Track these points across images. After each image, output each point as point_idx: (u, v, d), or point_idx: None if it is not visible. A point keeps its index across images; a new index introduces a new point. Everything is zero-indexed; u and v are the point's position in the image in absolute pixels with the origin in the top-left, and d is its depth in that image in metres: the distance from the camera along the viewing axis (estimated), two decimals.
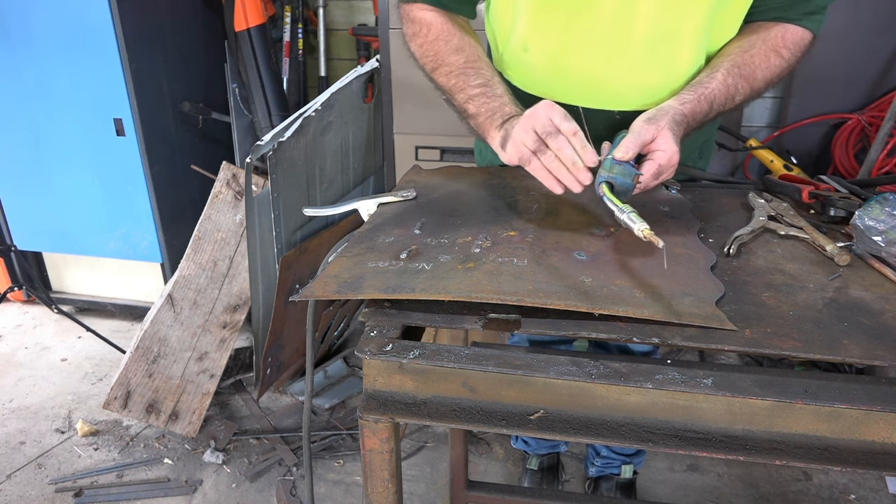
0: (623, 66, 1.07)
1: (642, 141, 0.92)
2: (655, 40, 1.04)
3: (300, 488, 1.91)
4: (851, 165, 2.32)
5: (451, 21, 1.15)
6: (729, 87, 1.04)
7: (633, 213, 0.84)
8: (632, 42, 1.04)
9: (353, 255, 0.92)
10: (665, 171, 0.93)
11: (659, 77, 1.08)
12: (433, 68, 1.15)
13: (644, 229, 0.81)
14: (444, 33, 1.13)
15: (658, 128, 0.93)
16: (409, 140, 2.30)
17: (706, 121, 1.04)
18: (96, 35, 2.17)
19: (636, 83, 1.09)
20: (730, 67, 1.04)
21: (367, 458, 0.82)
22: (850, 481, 1.92)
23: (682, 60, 1.07)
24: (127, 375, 2.01)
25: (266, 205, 1.85)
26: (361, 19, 2.85)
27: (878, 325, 0.76)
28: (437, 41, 1.13)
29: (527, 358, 0.74)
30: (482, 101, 1.07)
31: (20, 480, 1.95)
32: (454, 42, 1.12)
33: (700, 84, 1.04)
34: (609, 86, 1.10)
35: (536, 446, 1.86)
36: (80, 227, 2.54)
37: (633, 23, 1.02)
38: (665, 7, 1.00)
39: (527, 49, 1.12)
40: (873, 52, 2.23)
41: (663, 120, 0.95)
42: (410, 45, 1.18)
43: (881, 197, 0.95)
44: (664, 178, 0.95)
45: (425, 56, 1.15)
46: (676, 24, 1.02)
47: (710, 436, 0.71)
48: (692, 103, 1.00)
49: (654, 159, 0.92)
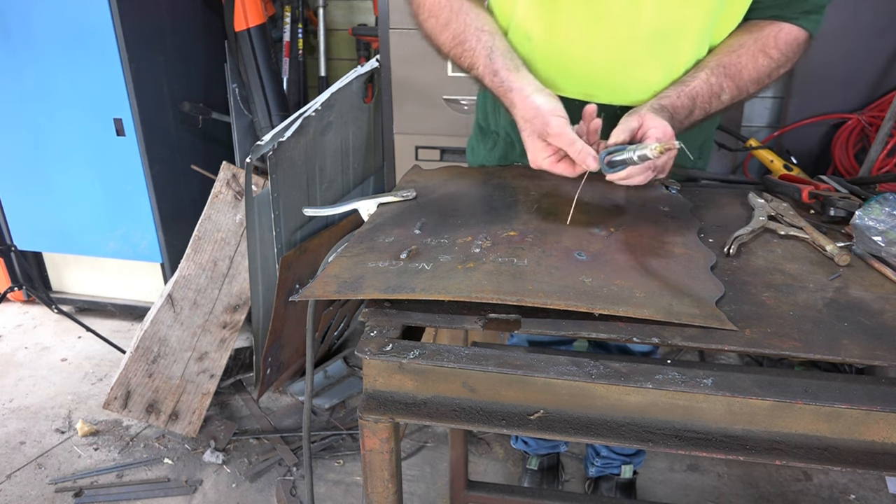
0: (626, 61, 1.07)
1: (629, 127, 0.94)
2: (659, 35, 1.04)
3: (300, 488, 1.91)
4: (851, 165, 2.32)
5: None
6: (712, 86, 1.04)
7: (637, 147, 0.86)
8: (635, 36, 1.04)
9: (353, 255, 0.92)
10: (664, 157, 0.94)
11: (661, 72, 1.08)
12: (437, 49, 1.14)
13: (656, 147, 0.83)
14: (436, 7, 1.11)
15: (640, 115, 0.95)
16: (409, 140, 2.30)
17: (694, 119, 1.04)
18: (96, 35, 2.18)
19: (638, 77, 1.09)
20: (714, 67, 1.05)
21: (367, 458, 0.81)
22: (850, 481, 1.92)
23: (684, 56, 1.07)
24: (127, 375, 2.01)
25: (266, 205, 1.85)
26: (361, 19, 2.85)
27: (878, 325, 0.76)
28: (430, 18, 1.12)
29: (527, 358, 0.74)
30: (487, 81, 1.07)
31: (20, 480, 1.95)
32: (443, 16, 1.10)
33: (682, 82, 1.04)
34: (611, 80, 1.10)
35: (536, 446, 1.86)
36: (80, 227, 2.54)
37: (638, 17, 1.02)
38: (669, 3, 1.01)
39: (530, 39, 1.11)
40: (873, 52, 2.23)
41: (643, 109, 0.97)
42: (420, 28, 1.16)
43: (881, 197, 0.95)
44: (670, 154, 0.94)
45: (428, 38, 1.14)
46: (680, 20, 1.03)
47: (710, 436, 0.71)
48: (671, 98, 1.01)
49: (650, 136, 0.93)
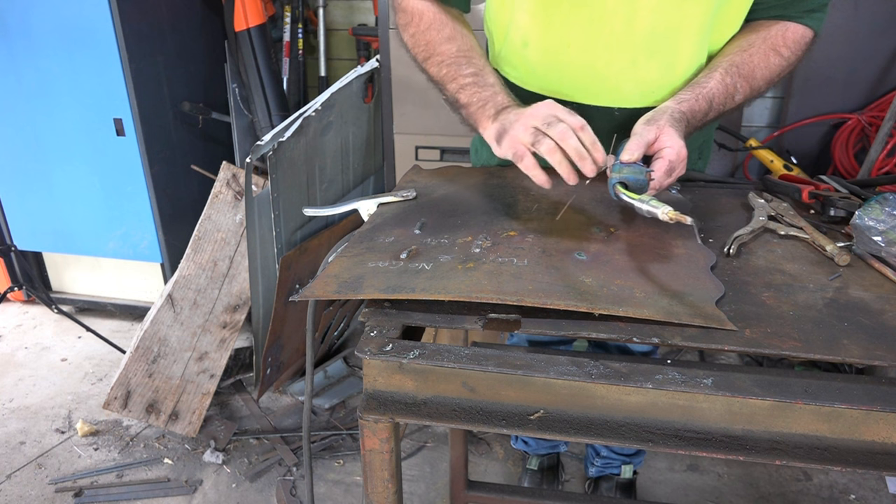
0: (623, 62, 1.07)
1: (646, 141, 0.92)
2: (656, 36, 1.04)
3: (300, 488, 1.91)
4: (851, 165, 2.32)
5: (444, 11, 1.14)
6: (728, 87, 1.03)
7: (652, 200, 0.84)
8: (633, 38, 1.04)
9: (353, 255, 0.92)
10: (676, 166, 0.93)
11: (659, 74, 1.08)
12: (425, 58, 1.14)
13: (668, 212, 0.81)
14: (437, 22, 1.12)
15: (659, 127, 0.93)
16: (409, 140, 2.30)
17: (707, 120, 1.04)
18: (96, 35, 2.18)
19: (636, 79, 1.09)
20: (728, 67, 1.04)
21: (367, 458, 0.82)
22: (850, 481, 1.92)
23: (682, 57, 1.07)
24: (127, 375, 2.01)
25: (266, 205, 1.85)
26: (361, 19, 2.85)
27: (878, 325, 0.76)
28: (430, 30, 1.13)
29: (527, 358, 0.74)
30: (473, 91, 1.05)
31: (20, 480, 1.95)
32: (446, 31, 1.12)
33: (698, 84, 1.04)
34: (608, 82, 1.10)
35: (536, 446, 1.86)
36: (80, 227, 2.54)
37: (635, 18, 1.02)
38: (667, 3, 1.00)
39: (526, 44, 1.11)
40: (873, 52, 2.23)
41: (662, 119, 0.95)
42: (403, 35, 1.18)
43: (881, 197, 0.95)
44: (677, 174, 0.94)
45: (417, 45, 1.15)
46: (677, 21, 1.02)
47: (710, 436, 0.71)
48: (689, 102, 1.00)
49: (664, 156, 0.92)
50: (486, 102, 1.03)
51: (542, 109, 0.93)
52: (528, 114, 0.94)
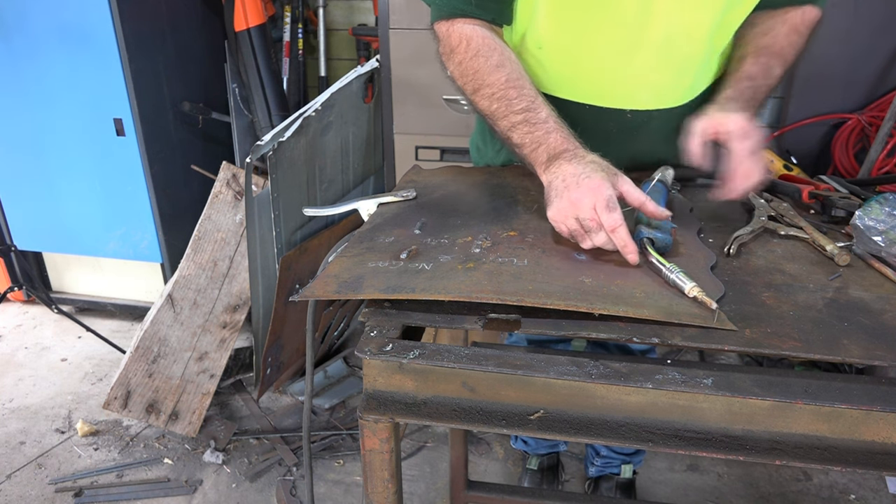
0: (637, 66, 1.07)
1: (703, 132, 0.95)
2: (670, 40, 1.04)
3: (300, 488, 1.91)
4: (851, 165, 2.32)
5: (491, 33, 1.08)
6: (762, 64, 1.06)
7: (681, 273, 0.81)
8: (647, 42, 1.04)
9: (353, 255, 0.92)
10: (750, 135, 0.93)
11: (671, 77, 1.09)
12: (474, 90, 1.07)
13: (694, 289, 0.78)
14: (485, 48, 1.06)
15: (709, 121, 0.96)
16: (409, 140, 2.30)
17: (759, 97, 1.04)
18: (96, 35, 2.18)
19: (649, 83, 1.10)
20: (755, 50, 1.07)
21: (367, 458, 0.82)
22: (850, 481, 1.92)
23: (693, 61, 1.08)
24: (127, 375, 2.01)
25: (266, 205, 1.85)
26: (361, 19, 2.85)
27: (878, 325, 0.76)
28: (477, 57, 1.06)
29: (527, 358, 0.74)
30: (526, 131, 1.00)
31: (20, 480, 1.95)
32: (494, 58, 1.05)
33: (732, 71, 1.07)
34: (622, 85, 1.11)
35: (536, 446, 1.86)
36: (80, 227, 2.54)
37: (650, 24, 1.02)
38: (681, 7, 1.01)
39: (541, 47, 1.11)
40: (873, 52, 2.23)
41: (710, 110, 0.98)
42: (448, 66, 1.11)
43: (881, 197, 0.95)
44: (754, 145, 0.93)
45: (465, 76, 1.08)
46: (691, 24, 1.03)
47: (710, 436, 0.71)
48: (731, 87, 1.03)
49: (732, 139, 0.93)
50: (539, 145, 0.98)
51: (585, 200, 0.86)
52: (572, 200, 0.88)
